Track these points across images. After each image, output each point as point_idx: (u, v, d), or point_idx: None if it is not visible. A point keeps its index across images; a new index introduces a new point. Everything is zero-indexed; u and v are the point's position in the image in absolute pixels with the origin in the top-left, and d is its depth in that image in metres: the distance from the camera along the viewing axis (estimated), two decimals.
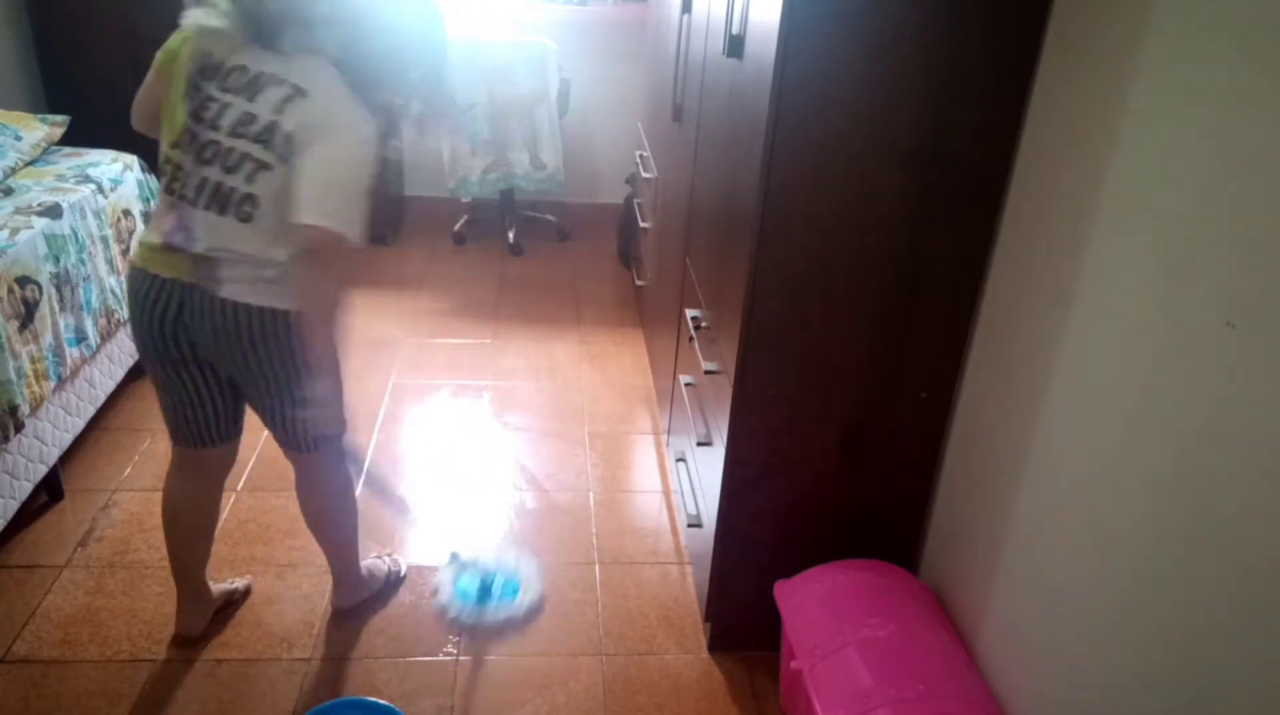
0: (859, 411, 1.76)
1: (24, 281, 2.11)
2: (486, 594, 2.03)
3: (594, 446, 2.76)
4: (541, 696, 1.89)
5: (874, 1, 1.43)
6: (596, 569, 2.26)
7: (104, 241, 2.51)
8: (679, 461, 2.37)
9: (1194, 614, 1.13)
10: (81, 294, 2.37)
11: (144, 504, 2.36)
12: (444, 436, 2.78)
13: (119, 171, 2.68)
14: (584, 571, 2.24)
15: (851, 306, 1.66)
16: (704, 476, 2.04)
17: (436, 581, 2.10)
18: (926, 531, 1.90)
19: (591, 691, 1.91)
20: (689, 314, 2.14)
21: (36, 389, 2.13)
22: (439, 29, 1.67)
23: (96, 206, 2.49)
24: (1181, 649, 1.15)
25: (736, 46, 1.74)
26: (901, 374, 1.73)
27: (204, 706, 1.82)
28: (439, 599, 2.04)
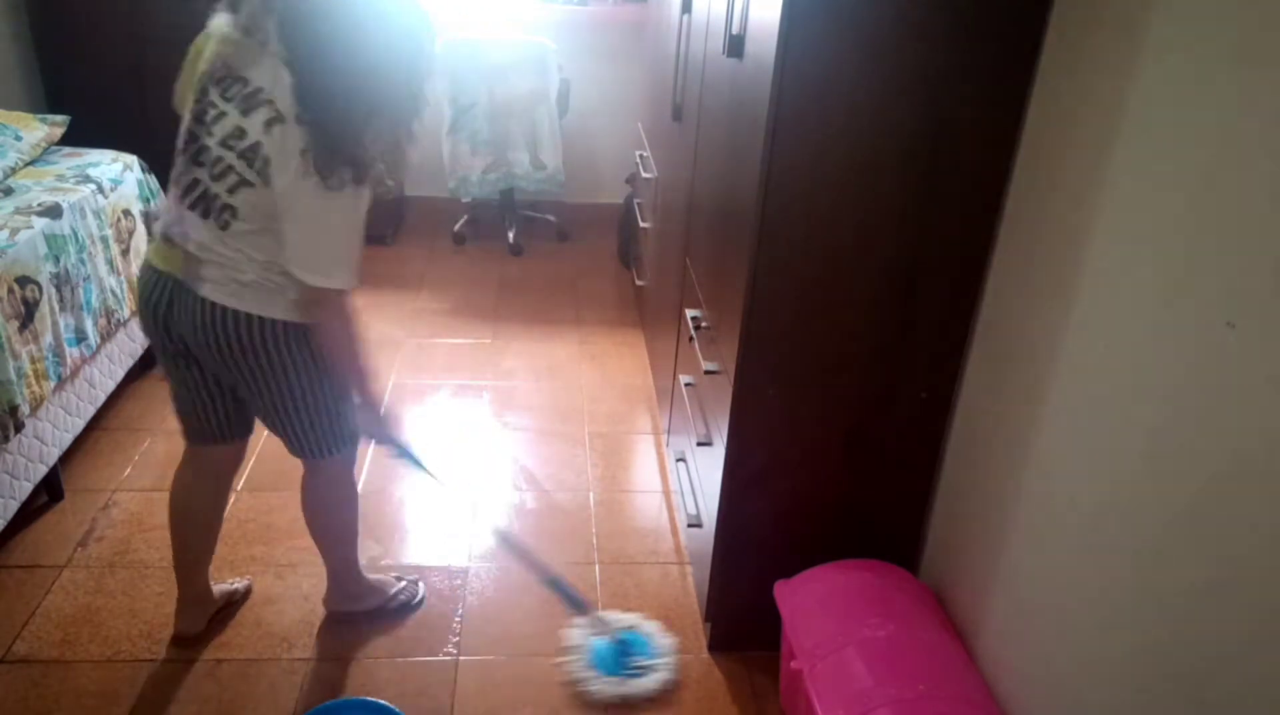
0: (859, 411, 1.76)
1: (24, 281, 2.11)
2: (621, 660, 1.93)
3: (594, 446, 2.76)
4: (541, 696, 1.89)
5: (874, 1, 1.43)
6: (596, 569, 2.26)
7: (104, 241, 2.51)
8: (679, 461, 2.37)
9: (1194, 613, 1.13)
10: (81, 294, 2.37)
11: (144, 504, 2.36)
12: (444, 436, 2.78)
13: (119, 171, 2.68)
14: (584, 571, 2.24)
15: (851, 306, 1.66)
16: (704, 476, 2.04)
17: (571, 644, 1.98)
18: (926, 531, 1.90)
19: None
20: (689, 314, 2.14)
21: (36, 389, 2.13)
22: (424, 53, 1.53)
23: (96, 206, 2.49)
24: (1182, 648, 1.15)
25: (736, 46, 1.74)
26: (901, 374, 1.73)
27: (204, 706, 1.82)
28: (576, 665, 1.94)
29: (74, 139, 2.81)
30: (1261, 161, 1.04)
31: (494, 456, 2.68)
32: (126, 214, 2.66)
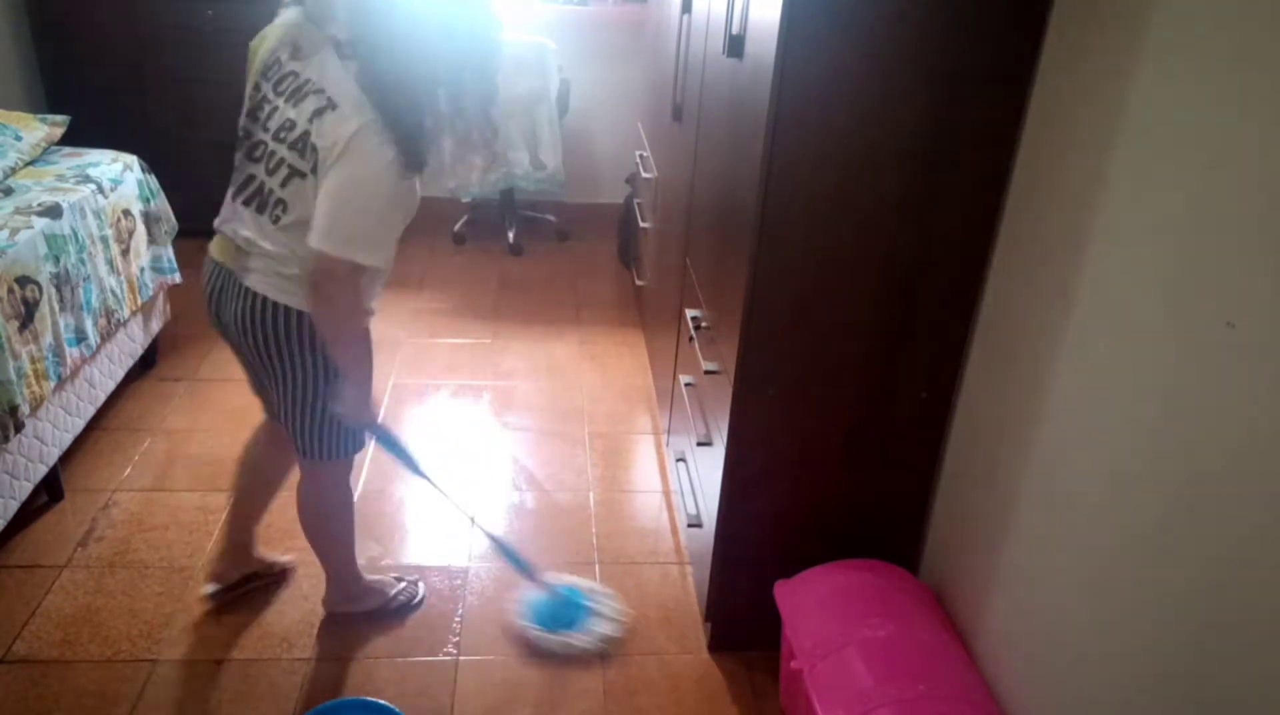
0: (859, 411, 1.76)
1: (24, 281, 2.11)
2: (571, 616, 2.04)
3: (594, 446, 2.76)
4: (541, 697, 1.89)
5: (874, 1, 1.43)
6: (597, 569, 2.26)
7: (104, 241, 2.51)
8: (679, 461, 2.37)
9: (1194, 613, 1.13)
10: (81, 294, 2.37)
11: (144, 504, 2.36)
12: (444, 437, 2.78)
13: (119, 171, 2.68)
14: (584, 571, 2.24)
15: (851, 306, 1.66)
16: (704, 476, 2.04)
17: (521, 599, 2.09)
18: (926, 531, 1.90)
19: (591, 691, 1.91)
20: (689, 314, 2.14)
21: (36, 389, 2.13)
22: (488, 42, 1.55)
23: (96, 206, 2.49)
24: (1182, 648, 1.15)
25: (736, 46, 1.74)
26: (901, 374, 1.73)
27: (204, 706, 1.82)
28: (521, 616, 2.05)
29: (74, 139, 2.81)
30: (1261, 161, 1.04)
31: (494, 457, 2.68)
32: (126, 214, 2.66)
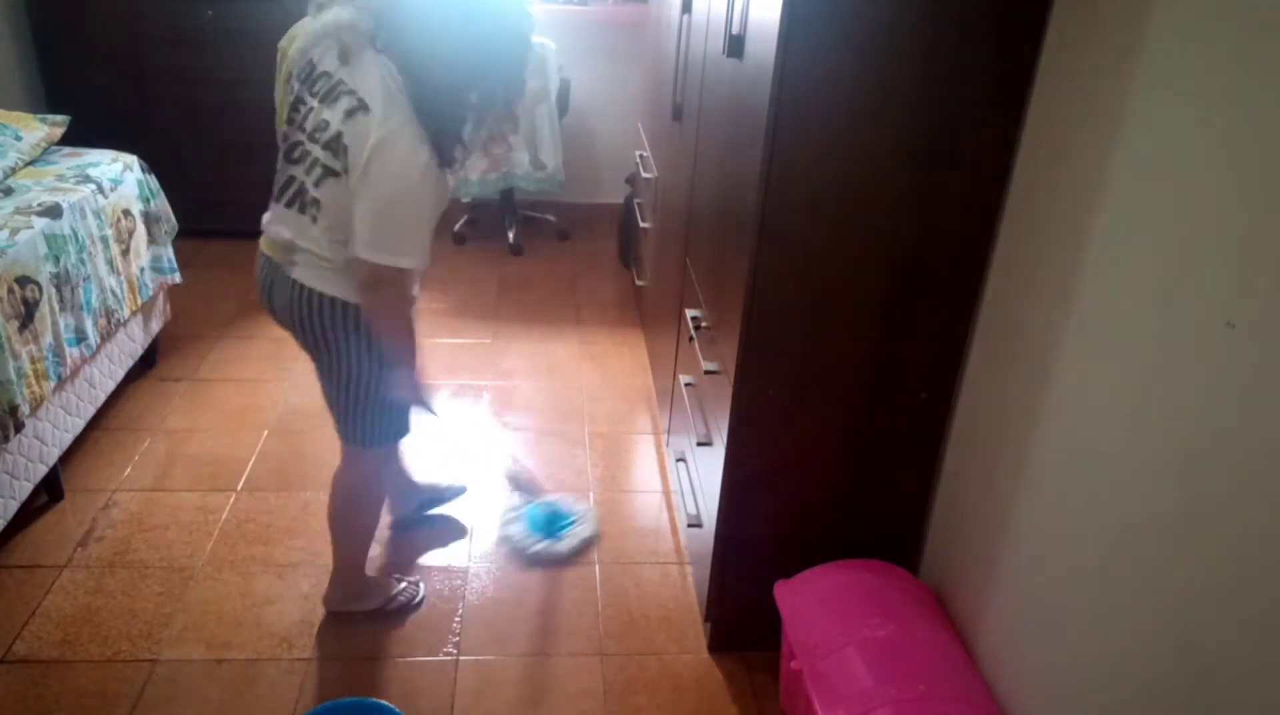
0: (859, 411, 1.76)
1: (24, 281, 2.11)
2: (554, 525, 2.27)
3: (594, 446, 2.76)
4: (541, 697, 1.89)
5: (874, 1, 1.43)
6: (596, 569, 2.26)
7: (104, 241, 2.51)
8: (679, 461, 2.37)
9: (1194, 613, 1.13)
10: (81, 294, 2.37)
11: (144, 504, 2.36)
12: (444, 437, 2.77)
13: (119, 171, 2.68)
14: (584, 571, 2.24)
15: (851, 306, 1.66)
16: (704, 476, 2.04)
17: (505, 511, 2.33)
18: (926, 531, 1.90)
19: (591, 692, 1.91)
20: (689, 314, 2.14)
21: (36, 389, 2.13)
22: (523, 41, 1.58)
23: (96, 206, 2.49)
24: (1182, 648, 1.15)
25: (736, 46, 1.74)
26: (901, 374, 1.73)
27: (204, 706, 1.82)
28: (508, 529, 2.29)
29: (74, 139, 2.81)
30: (1261, 161, 1.04)
31: (494, 457, 2.68)
32: (126, 214, 2.66)
